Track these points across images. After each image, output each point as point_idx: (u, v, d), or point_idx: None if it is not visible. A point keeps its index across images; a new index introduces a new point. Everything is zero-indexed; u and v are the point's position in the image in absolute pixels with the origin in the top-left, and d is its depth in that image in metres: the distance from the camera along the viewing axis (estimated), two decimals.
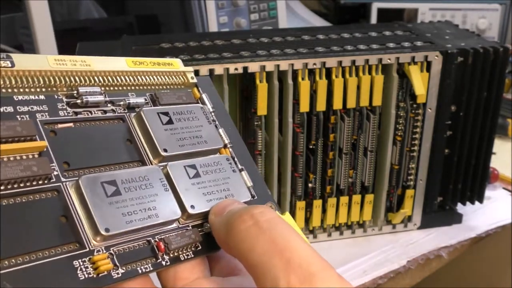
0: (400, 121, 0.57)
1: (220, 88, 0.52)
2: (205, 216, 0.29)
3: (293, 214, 0.59)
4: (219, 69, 0.51)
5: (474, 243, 0.63)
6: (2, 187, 0.24)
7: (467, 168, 0.61)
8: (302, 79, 0.53)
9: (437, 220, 0.63)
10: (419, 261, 0.59)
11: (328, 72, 0.54)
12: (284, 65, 0.52)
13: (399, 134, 0.58)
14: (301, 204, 0.58)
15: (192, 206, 0.28)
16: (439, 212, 0.63)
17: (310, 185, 0.58)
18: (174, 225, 0.28)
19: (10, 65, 0.26)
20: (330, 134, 0.56)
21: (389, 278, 0.57)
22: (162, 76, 0.32)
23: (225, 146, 0.32)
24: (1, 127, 0.24)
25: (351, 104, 0.55)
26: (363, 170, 0.59)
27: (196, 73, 0.50)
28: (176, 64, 0.34)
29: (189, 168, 0.30)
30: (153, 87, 0.32)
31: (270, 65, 0.52)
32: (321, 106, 0.54)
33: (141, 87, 0.31)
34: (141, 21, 0.95)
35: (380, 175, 0.59)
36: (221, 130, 0.33)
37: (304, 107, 0.54)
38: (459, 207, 0.64)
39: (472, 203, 0.63)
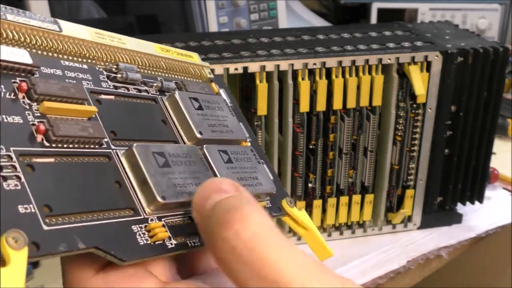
0: (400, 121, 0.57)
1: None
2: None
3: None
4: (219, 69, 0.51)
5: (474, 243, 0.63)
6: (59, 145, 0.23)
7: (467, 168, 0.61)
8: (302, 79, 0.53)
9: (437, 220, 0.63)
10: (419, 261, 0.59)
11: (328, 72, 0.54)
12: (284, 65, 0.52)
13: (399, 134, 0.58)
14: (301, 204, 0.58)
15: None
16: (439, 212, 0.63)
17: (310, 185, 0.58)
18: None
19: (58, 29, 0.26)
20: (330, 134, 0.56)
21: (389, 278, 0.57)
22: (184, 67, 0.33)
23: (245, 139, 0.33)
24: (57, 86, 0.24)
25: (351, 104, 0.55)
26: (363, 170, 0.59)
27: None
28: (195, 57, 0.34)
29: (222, 153, 0.30)
30: (177, 75, 0.33)
31: (270, 65, 0.52)
32: (321, 106, 0.54)
33: (167, 74, 0.32)
34: (141, 21, 0.95)
35: (380, 175, 0.59)
36: (240, 124, 0.33)
37: (304, 107, 0.54)
38: (459, 207, 0.64)
39: (472, 203, 0.63)
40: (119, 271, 0.23)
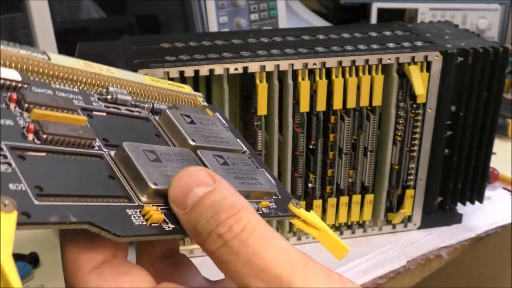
0: (400, 121, 0.57)
1: (220, 88, 0.52)
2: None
3: None
4: (219, 69, 0.51)
5: (474, 243, 0.63)
6: (51, 143, 0.24)
7: (467, 168, 0.61)
8: (302, 79, 0.53)
9: (437, 220, 0.63)
10: (419, 261, 0.59)
11: (328, 72, 0.54)
12: (284, 65, 0.52)
13: (399, 134, 0.58)
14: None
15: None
16: (439, 212, 0.63)
17: (310, 185, 0.58)
18: None
19: (46, 58, 0.27)
20: (330, 134, 0.56)
21: (389, 278, 0.57)
22: (176, 95, 0.34)
23: (242, 151, 0.33)
24: (46, 98, 0.26)
25: (351, 104, 0.55)
26: (363, 170, 0.59)
27: (196, 73, 0.51)
28: (187, 88, 0.35)
29: (217, 157, 0.30)
30: (169, 103, 0.34)
31: (270, 65, 0.52)
32: (321, 106, 0.54)
33: (158, 101, 0.33)
34: (141, 21, 0.95)
35: (380, 175, 0.59)
36: (238, 140, 0.34)
37: (304, 107, 0.54)
38: (459, 207, 0.64)
39: (472, 203, 0.63)
40: (114, 268, 0.24)
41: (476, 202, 0.63)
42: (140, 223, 0.24)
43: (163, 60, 0.50)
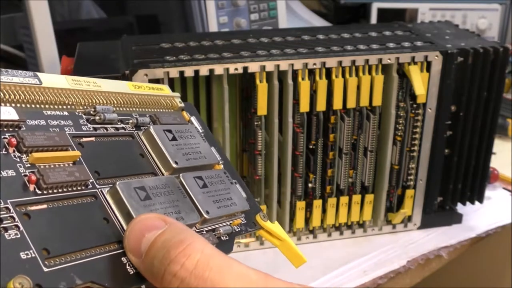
0: (400, 121, 0.57)
1: (220, 88, 0.52)
2: (216, 221, 0.32)
3: (293, 214, 0.59)
4: (219, 69, 0.51)
5: (474, 243, 0.63)
6: (50, 191, 0.26)
7: (467, 168, 0.61)
8: (302, 79, 0.53)
9: (437, 220, 0.63)
10: (419, 261, 0.59)
11: (328, 72, 0.54)
12: (284, 65, 0.52)
13: (399, 134, 0.58)
14: (301, 204, 0.58)
15: (207, 212, 0.31)
16: (439, 212, 0.63)
17: (310, 185, 0.58)
18: (193, 229, 0.30)
19: (38, 82, 0.28)
20: (330, 134, 0.56)
21: (389, 278, 0.57)
22: (156, 100, 0.35)
23: (217, 163, 0.35)
24: (42, 137, 0.27)
25: (351, 104, 0.55)
26: (363, 170, 0.59)
27: (196, 73, 0.51)
28: (165, 89, 0.37)
29: (197, 179, 0.32)
30: (150, 108, 0.35)
31: (270, 65, 0.52)
32: (321, 106, 0.54)
33: (141, 108, 0.34)
34: (141, 21, 0.95)
35: (380, 175, 0.59)
36: (212, 148, 0.35)
37: (304, 107, 0.54)
38: (459, 207, 0.64)
39: (472, 203, 0.63)
40: None
41: (476, 202, 0.63)
42: (134, 271, 0.26)
43: (163, 60, 0.50)
